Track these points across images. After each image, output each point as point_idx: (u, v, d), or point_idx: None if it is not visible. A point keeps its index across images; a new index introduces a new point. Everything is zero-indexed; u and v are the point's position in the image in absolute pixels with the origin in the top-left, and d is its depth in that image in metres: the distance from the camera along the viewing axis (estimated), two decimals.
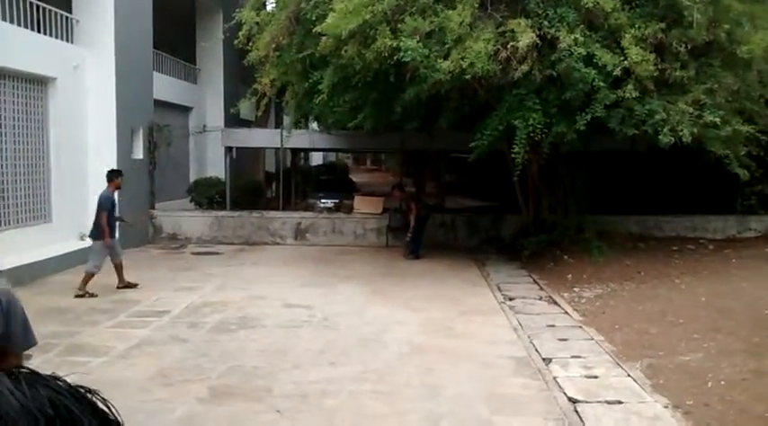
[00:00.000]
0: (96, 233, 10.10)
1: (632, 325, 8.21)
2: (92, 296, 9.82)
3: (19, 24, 11.95)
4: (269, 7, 15.56)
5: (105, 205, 10.13)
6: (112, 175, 10.56)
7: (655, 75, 10.45)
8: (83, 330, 8.16)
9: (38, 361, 6.88)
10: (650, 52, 10.38)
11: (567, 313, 9.28)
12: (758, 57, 10.82)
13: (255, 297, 10.15)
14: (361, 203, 16.56)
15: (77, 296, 9.80)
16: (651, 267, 11.41)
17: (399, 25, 10.24)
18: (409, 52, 9.89)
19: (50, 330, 8.05)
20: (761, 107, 11.98)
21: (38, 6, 12.65)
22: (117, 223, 10.62)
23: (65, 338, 7.76)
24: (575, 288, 10.59)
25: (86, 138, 13.85)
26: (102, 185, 13.65)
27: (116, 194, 10.70)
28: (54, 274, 11.28)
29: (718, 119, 10.39)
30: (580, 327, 8.44)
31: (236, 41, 13.77)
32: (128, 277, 10.58)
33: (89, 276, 10.00)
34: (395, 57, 10.16)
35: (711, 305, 8.63)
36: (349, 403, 6.01)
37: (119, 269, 10.42)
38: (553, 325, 8.56)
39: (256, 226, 16.02)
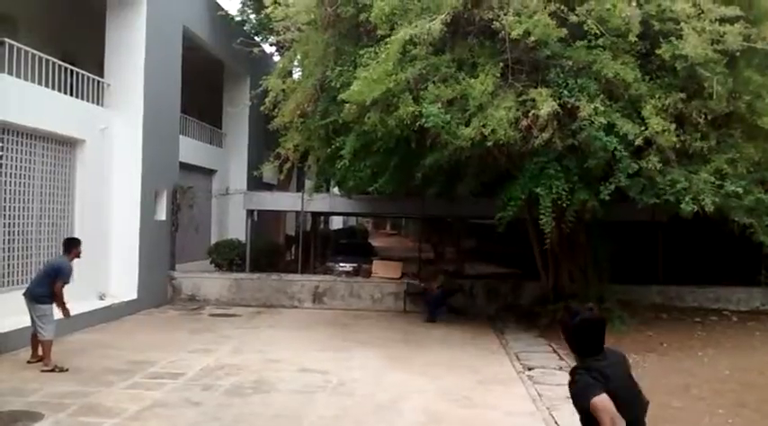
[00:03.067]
0: (48, 299, 9.03)
1: (655, 399, 7.90)
2: (62, 370, 8.88)
3: (52, 88, 12.35)
4: (295, 75, 16.01)
5: (66, 276, 9.19)
6: (72, 244, 9.64)
7: (676, 146, 10.47)
8: (97, 390, 8.10)
9: (49, 422, 6.85)
10: (671, 122, 10.43)
11: None
12: None
13: (271, 360, 10.06)
14: (379, 267, 16.56)
15: (45, 370, 8.84)
16: (674, 339, 11.19)
17: (422, 93, 10.43)
18: (431, 118, 10.05)
19: (65, 390, 8.03)
20: None
21: (71, 71, 13.09)
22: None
23: (78, 398, 7.70)
24: None
25: (111, 199, 14.08)
26: (124, 245, 13.99)
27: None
28: (74, 333, 11.28)
29: (740, 189, 10.35)
30: None
31: (262, 108, 14.11)
32: (145, 336, 10.38)
33: (48, 344, 9.08)
34: (417, 124, 10.31)
35: (735, 379, 8.41)
36: None
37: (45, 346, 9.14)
38: None
39: (275, 289, 16.01)
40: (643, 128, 10.38)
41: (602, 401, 3.11)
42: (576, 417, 7.48)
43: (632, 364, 9.63)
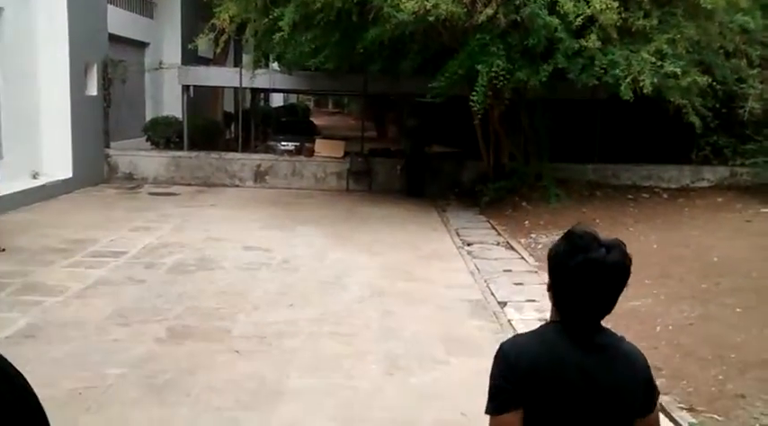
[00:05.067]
0: None
1: None
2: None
3: None
4: None
5: None
6: None
7: (618, 23, 10.44)
8: (37, 269, 8.01)
9: None
10: (614, 0, 10.35)
11: (523, 258, 9.45)
12: (720, 8, 10.87)
13: (214, 238, 10.07)
14: (322, 147, 16.41)
15: None
16: (607, 215, 11.64)
17: None
18: None
19: (3, 269, 7.91)
20: (720, 58, 12.12)
21: None
22: None
23: (18, 277, 7.62)
24: (531, 234, 10.77)
25: (37, 73, 13.28)
26: (55, 122, 13.41)
27: None
28: (8, 212, 10.97)
29: (678, 70, 10.48)
30: (535, 272, 8.61)
31: None
32: (83, 215, 10.24)
33: None
34: None
35: (663, 252, 8.87)
36: (308, 344, 6.06)
37: None
38: (509, 270, 8.72)
39: (215, 168, 15.78)
40: (586, 6, 10.27)
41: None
42: (511, 288, 7.87)
43: None
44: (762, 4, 12.31)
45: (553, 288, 1.91)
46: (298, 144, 17.00)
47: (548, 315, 1.99)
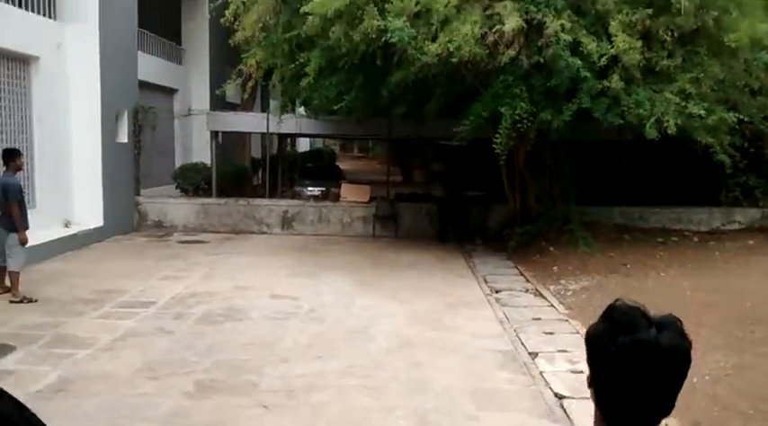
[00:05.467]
0: (11, 225, 8.75)
1: None
2: (30, 301, 8.74)
3: None
4: None
5: (16, 194, 8.76)
6: (9, 156, 9.01)
7: (641, 63, 10.46)
8: (68, 320, 8.09)
9: (22, 354, 6.85)
10: (637, 39, 10.39)
11: (552, 306, 9.32)
12: (744, 45, 10.80)
13: (242, 287, 10.11)
14: (348, 191, 16.50)
15: (13, 302, 8.72)
16: (636, 259, 11.46)
17: (386, 5, 10.18)
18: (396, 32, 9.85)
19: (35, 321, 8.00)
20: (746, 96, 12.04)
21: None
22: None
23: (50, 329, 7.69)
24: (561, 281, 10.63)
25: (70, 120, 13.55)
26: (87, 170, 13.61)
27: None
28: (40, 262, 11.14)
29: (702, 112, 10.42)
30: (566, 320, 8.49)
31: (222, 20, 13.55)
32: (114, 265, 10.35)
33: (17, 276, 8.85)
34: (382, 39, 10.11)
35: (696, 299, 8.70)
36: (336, 398, 6.00)
37: (14, 277, 8.90)
38: (539, 318, 8.60)
39: (243, 214, 15.92)
40: (609, 46, 10.32)
41: None
42: (541, 337, 7.75)
43: (596, 285, 10.00)
44: None
45: (594, 382, 1.48)
46: (324, 189, 17.15)
47: (580, 366, 1.83)
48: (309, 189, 17.41)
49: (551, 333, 7.93)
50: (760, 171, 14.08)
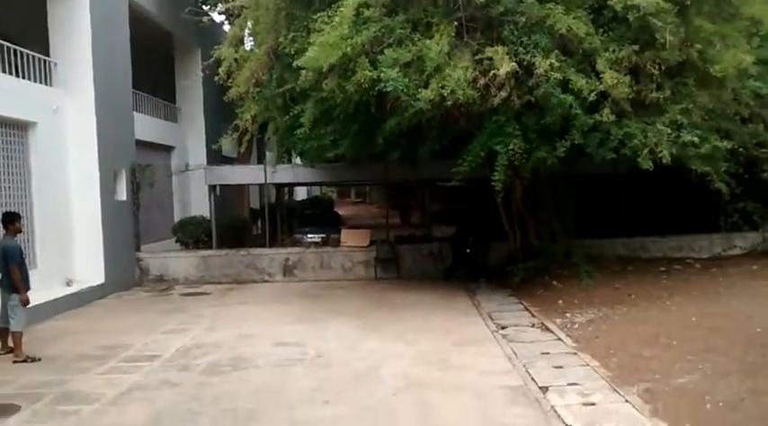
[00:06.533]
0: (12, 287, 8.87)
1: (626, 349, 8.19)
2: (34, 360, 8.74)
3: None
4: (247, 44, 15.66)
5: (15, 257, 8.90)
6: (8, 220, 9.21)
7: (631, 96, 10.59)
8: (73, 377, 8.01)
9: (27, 413, 6.76)
10: (625, 74, 10.53)
11: (560, 339, 9.25)
12: (731, 75, 10.99)
13: (246, 336, 10.05)
14: (348, 236, 16.55)
15: (16, 362, 8.70)
16: (641, 289, 11.43)
17: (379, 57, 10.34)
18: (390, 82, 9.97)
19: (40, 379, 7.94)
20: (736, 125, 12.17)
21: (15, 50, 12.63)
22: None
23: (54, 387, 7.62)
24: (566, 314, 10.58)
25: (69, 182, 13.74)
26: (87, 229, 13.69)
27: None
28: (43, 321, 11.09)
29: (696, 139, 10.53)
30: (575, 353, 8.41)
31: (216, 78, 13.78)
32: (117, 321, 10.31)
33: (19, 336, 8.92)
34: (376, 88, 10.23)
35: (703, 325, 8.63)
36: None
37: (16, 337, 8.96)
38: (547, 353, 8.52)
39: (244, 264, 15.91)
40: (598, 82, 10.46)
41: None
42: (551, 372, 7.67)
43: (602, 317, 9.94)
44: None
45: None
46: (324, 235, 17.19)
47: (592, 398, 1.82)
48: (309, 236, 17.46)
49: (561, 367, 7.85)
50: (756, 195, 14.15)
